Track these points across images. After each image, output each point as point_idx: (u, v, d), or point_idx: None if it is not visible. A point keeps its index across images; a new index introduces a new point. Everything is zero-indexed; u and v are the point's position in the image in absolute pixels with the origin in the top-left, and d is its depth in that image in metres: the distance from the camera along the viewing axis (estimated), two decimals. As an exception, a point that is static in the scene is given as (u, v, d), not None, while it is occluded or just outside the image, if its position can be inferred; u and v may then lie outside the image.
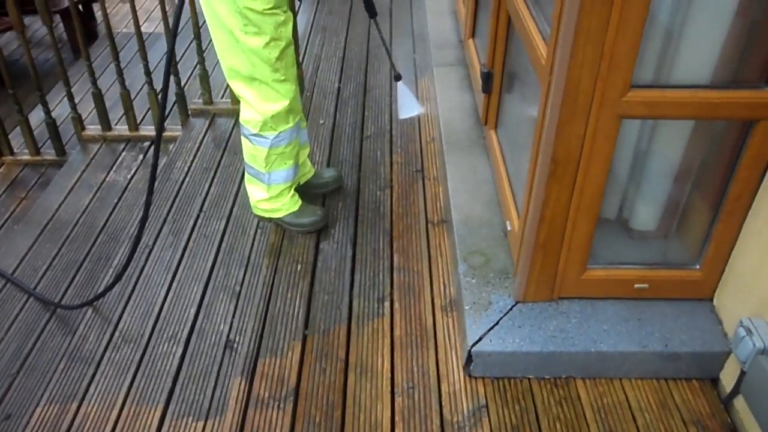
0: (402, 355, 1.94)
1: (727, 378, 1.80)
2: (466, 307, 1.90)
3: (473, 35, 3.05)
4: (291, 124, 2.23)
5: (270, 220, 2.53)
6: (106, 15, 3.24)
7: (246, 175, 2.46)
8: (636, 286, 1.87)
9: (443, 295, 2.13)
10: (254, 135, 2.24)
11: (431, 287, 2.17)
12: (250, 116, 2.20)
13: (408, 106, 2.39)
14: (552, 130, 1.57)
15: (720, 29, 1.52)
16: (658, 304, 1.89)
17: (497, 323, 1.85)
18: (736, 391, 1.73)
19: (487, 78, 2.44)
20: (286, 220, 2.47)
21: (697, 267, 1.85)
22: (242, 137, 2.32)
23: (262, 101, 2.14)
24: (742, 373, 1.67)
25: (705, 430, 1.74)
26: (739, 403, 1.73)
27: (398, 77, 2.39)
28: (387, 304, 2.11)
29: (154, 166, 2.14)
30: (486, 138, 2.58)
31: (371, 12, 2.38)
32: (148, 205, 2.19)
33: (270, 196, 2.40)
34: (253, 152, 2.30)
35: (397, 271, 2.24)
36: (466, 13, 3.14)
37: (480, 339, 1.81)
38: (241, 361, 1.99)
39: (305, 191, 2.61)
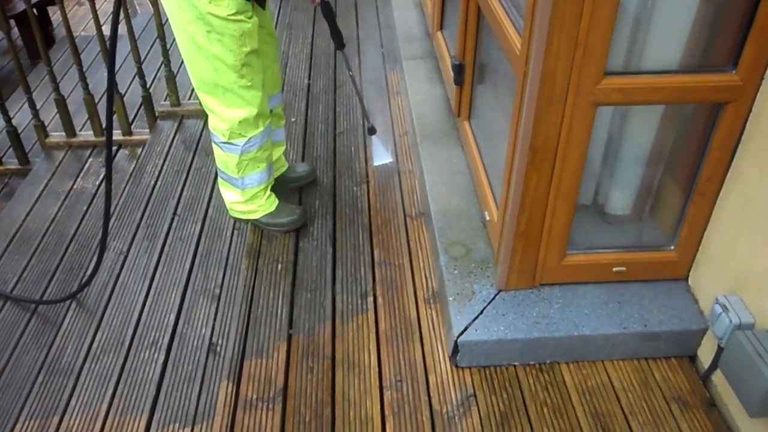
0: (388, 349, 1.95)
1: (705, 354, 1.85)
2: (450, 298, 1.91)
3: (441, 27, 3.06)
4: (261, 129, 2.18)
5: (247, 221, 2.51)
6: (65, 17, 3.16)
7: (219, 179, 2.43)
8: (614, 269, 1.91)
9: (425, 288, 2.14)
10: (224, 143, 2.20)
11: (413, 280, 2.17)
12: (217, 125, 2.16)
13: (380, 156, 2.64)
14: (530, 120, 1.59)
15: (687, 14, 1.55)
16: (636, 286, 1.94)
17: (481, 312, 1.87)
18: (714, 366, 1.78)
19: (458, 70, 2.45)
20: (264, 221, 2.44)
21: (672, 248, 1.89)
22: (212, 144, 2.29)
23: (226, 108, 2.09)
24: (720, 349, 1.72)
25: (686, 406, 1.78)
26: (717, 377, 1.78)
27: (372, 131, 2.57)
28: (370, 299, 2.12)
29: (108, 170, 2.16)
30: (459, 129, 2.60)
31: (338, 43, 2.34)
32: (107, 212, 2.20)
33: (245, 199, 2.38)
34: (224, 159, 2.27)
35: (378, 266, 2.24)
36: (433, 6, 3.15)
37: (465, 329, 1.82)
38: (226, 364, 1.97)
39: (280, 186, 2.60)
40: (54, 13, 5.80)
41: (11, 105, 4.13)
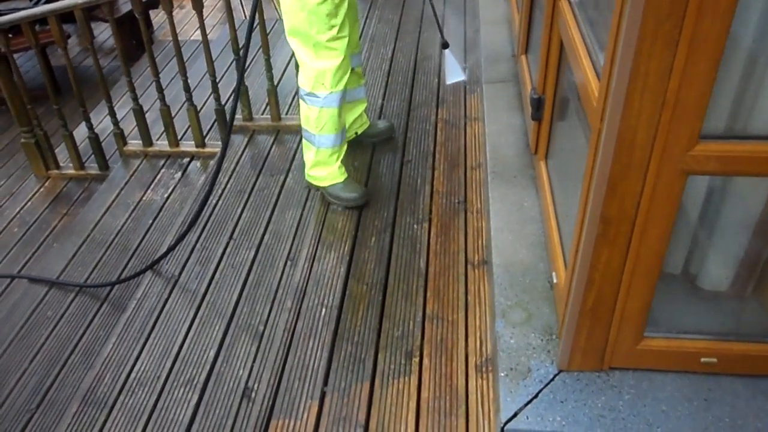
0: (428, 423, 1.74)
1: (813, 474, 1.51)
2: (502, 374, 1.68)
3: (527, 51, 2.79)
4: (341, 88, 2.41)
5: (318, 188, 2.70)
6: (146, 32, 3.17)
7: (303, 140, 2.64)
8: (703, 360, 1.60)
9: (479, 353, 1.91)
10: (308, 94, 2.44)
11: (466, 342, 1.95)
12: (306, 74, 2.40)
13: (453, 73, 2.59)
14: (602, 186, 1.33)
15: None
16: (728, 380, 1.61)
17: (536, 396, 1.62)
18: (823, 493, 1.45)
19: (537, 104, 2.19)
20: (330, 191, 2.63)
21: (779, 340, 1.56)
22: (300, 100, 2.54)
23: (316, 59, 2.34)
24: (832, 476, 1.39)
25: None
26: (827, 507, 1.45)
27: (445, 45, 2.56)
28: (416, 359, 1.91)
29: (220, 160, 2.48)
30: (535, 169, 2.33)
31: None
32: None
33: (317, 160, 2.58)
34: (306, 113, 2.50)
35: (429, 321, 2.03)
36: (520, 25, 2.88)
37: (515, 415, 1.59)
38: (254, 416, 1.84)
39: (360, 141, 2.91)
40: (155, 16, 5.98)
41: (100, 109, 4.27)
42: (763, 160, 1.27)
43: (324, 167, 2.59)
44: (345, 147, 2.64)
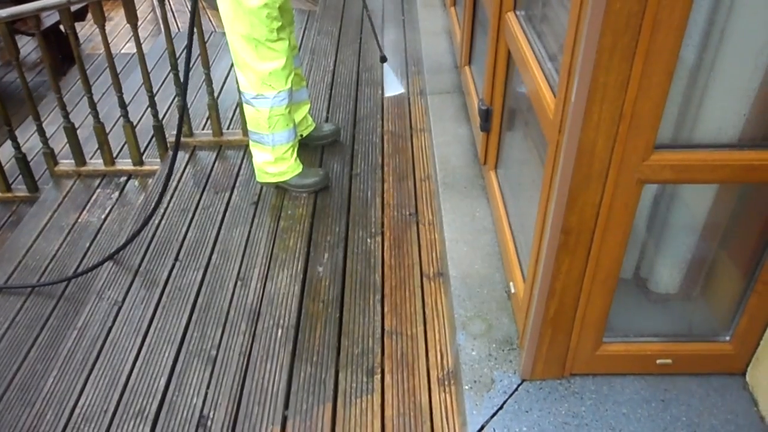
0: (394, 441, 1.72)
1: (765, 466, 1.57)
2: (466, 387, 1.67)
3: (470, 62, 2.82)
4: (288, 86, 2.46)
5: (276, 184, 2.72)
6: (77, 46, 3.03)
7: (250, 142, 2.66)
8: (658, 361, 1.64)
9: (440, 366, 1.90)
10: (255, 97, 2.45)
11: (427, 356, 1.94)
12: (249, 79, 2.42)
13: (392, 86, 2.67)
14: (563, 198, 1.35)
15: (754, 78, 1.29)
16: (683, 380, 1.67)
17: (501, 407, 1.62)
18: (776, 484, 1.51)
19: (485, 115, 2.21)
20: (292, 183, 2.67)
21: (728, 339, 1.62)
22: (244, 106, 2.55)
23: (259, 61, 2.36)
24: (784, 467, 1.45)
25: None
26: (780, 497, 1.51)
27: (383, 59, 2.63)
28: (377, 377, 1.88)
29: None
30: (485, 179, 2.36)
31: None
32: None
33: (275, 157, 2.59)
34: (255, 116, 2.50)
35: (388, 336, 2.01)
36: (462, 37, 2.92)
37: (482, 428, 1.58)
38: (212, 448, 1.77)
39: (306, 144, 2.93)
40: (81, 29, 5.74)
41: (26, 128, 4.05)
42: (713, 168, 1.32)
43: (282, 162, 2.62)
44: (297, 140, 2.71)
